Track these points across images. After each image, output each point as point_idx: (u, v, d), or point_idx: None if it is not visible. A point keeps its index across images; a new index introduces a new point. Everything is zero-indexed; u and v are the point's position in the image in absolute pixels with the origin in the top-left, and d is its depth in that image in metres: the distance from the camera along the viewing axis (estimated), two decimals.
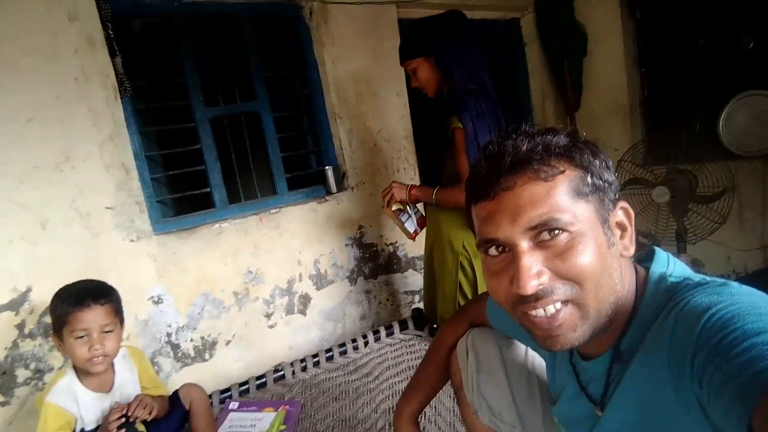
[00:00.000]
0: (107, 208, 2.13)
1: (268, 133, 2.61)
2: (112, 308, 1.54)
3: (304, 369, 2.26)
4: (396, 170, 2.97)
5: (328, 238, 2.73)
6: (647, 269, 0.78)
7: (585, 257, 0.70)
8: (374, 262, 2.89)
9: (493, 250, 0.77)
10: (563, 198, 0.71)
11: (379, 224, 2.90)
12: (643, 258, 0.83)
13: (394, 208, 2.19)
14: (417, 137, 3.06)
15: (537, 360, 1.13)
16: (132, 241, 2.18)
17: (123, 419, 1.51)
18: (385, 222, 2.89)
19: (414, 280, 3.05)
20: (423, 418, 1.78)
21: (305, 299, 2.65)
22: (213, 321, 2.39)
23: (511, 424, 1.12)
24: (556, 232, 0.71)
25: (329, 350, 2.35)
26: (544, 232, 0.71)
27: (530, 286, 0.71)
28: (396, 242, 2.97)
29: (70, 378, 1.56)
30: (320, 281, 2.70)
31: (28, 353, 1.98)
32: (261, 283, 2.52)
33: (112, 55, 2.11)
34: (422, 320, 2.50)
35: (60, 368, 1.72)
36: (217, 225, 2.41)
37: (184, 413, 1.77)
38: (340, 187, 2.79)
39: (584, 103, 3.56)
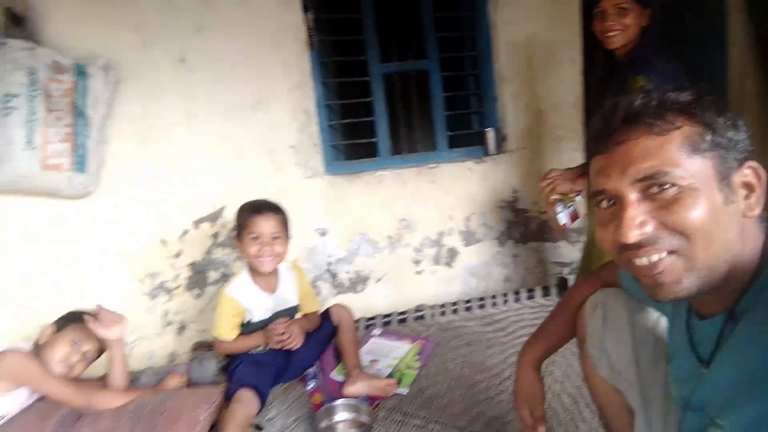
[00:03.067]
0: (290, 146, 2.45)
1: (434, 91, 2.74)
2: (281, 220, 1.86)
3: (443, 314, 2.40)
4: (560, 138, 2.90)
5: (482, 197, 2.79)
6: None
7: (693, 211, 0.70)
8: (525, 228, 2.89)
9: (604, 203, 0.79)
10: (676, 153, 0.71)
11: (535, 191, 2.87)
12: None
13: (552, 197, 2.15)
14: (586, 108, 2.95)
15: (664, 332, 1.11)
16: (307, 177, 2.49)
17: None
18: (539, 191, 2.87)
19: (565, 252, 2.99)
20: (550, 378, 1.80)
21: (453, 253, 2.77)
22: (367, 259, 2.63)
23: (629, 382, 1.12)
24: (666, 185, 0.71)
25: (468, 301, 2.45)
26: (654, 186, 0.72)
27: (632, 234, 0.72)
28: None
29: (245, 277, 1.90)
30: (469, 238, 2.79)
31: (218, 259, 2.40)
32: (413, 231, 2.69)
33: (305, 11, 2.39)
34: (566, 290, 2.47)
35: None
36: (379, 173, 2.62)
37: (332, 329, 2.02)
38: (500, 149, 2.82)
39: None
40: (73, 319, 1.89)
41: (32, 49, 1.99)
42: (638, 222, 0.73)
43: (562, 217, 2.17)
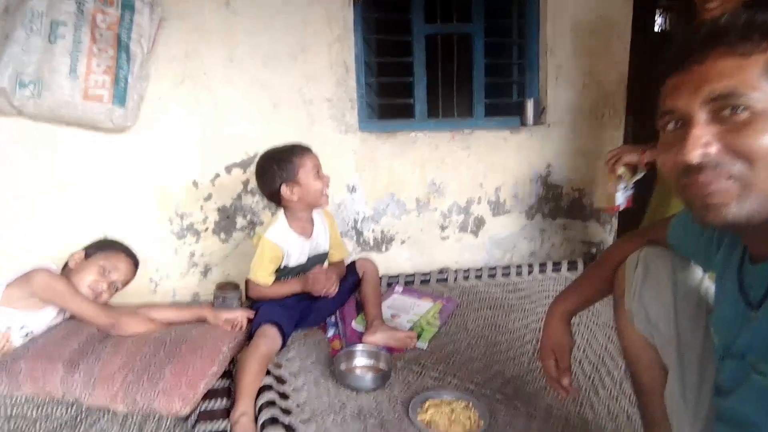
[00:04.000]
0: (327, 99, 2.44)
1: (476, 56, 2.69)
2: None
3: (466, 278, 2.39)
4: (601, 115, 2.83)
5: (515, 168, 2.76)
6: None
7: (761, 137, 0.67)
8: (556, 203, 2.85)
9: (670, 125, 0.76)
10: (757, 76, 0.67)
11: (570, 167, 2.83)
12: None
13: (619, 171, 2.02)
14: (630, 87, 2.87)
15: (712, 290, 1.08)
16: (340, 132, 2.48)
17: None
18: (577, 166, 2.82)
19: (595, 231, 2.94)
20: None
21: (480, 222, 2.75)
22: (394, 219, 2.62)
23: (666, 337, 1.09)
24: (739, 108, 0.68)
25: (493, 268, 2.43)
26: (726, 107, 0.69)
27: (695, 154, 0.70)
28: (583, 189, 2.88)
29: (282, 222, 1.90)
30: (497, 208, 2.76)
31: (247, 206, 2.42)
32: (441, 196, 2.67)
33: None
34: None
35: (273, 215, 2.09)
36: (413, 134, 2.59)
37: (357, 280, 2.03)
38: (537, 121, 2.77)
39: None
40: (103, 247, 1.94)
41: None
42: (703, 142, 0.70)
43: (620, 197, 2.07)
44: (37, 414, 1.45)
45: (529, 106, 2.73)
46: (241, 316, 1.82)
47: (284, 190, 1.82)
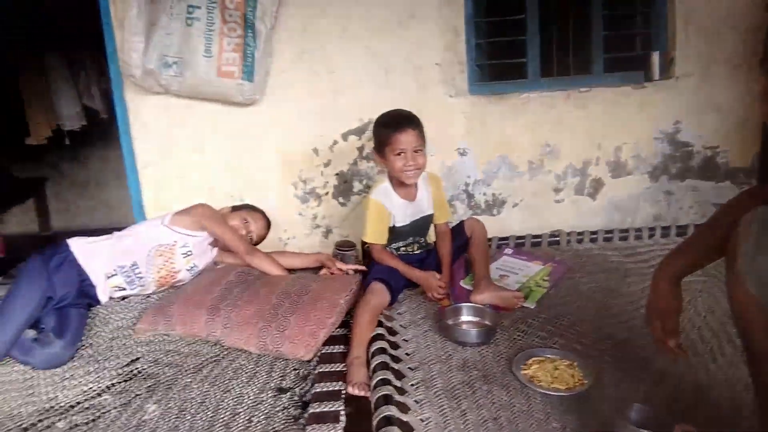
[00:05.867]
0: (436, 64, 2.47)
1: (594, 8, 2.54)
2: (420, 133, 1.88)
3: (579, 241, 2.33)
4: (736, 65, 2.55)
5: (637, 127, 2.59)
6: None
7: None
8: (685, 163, 2.64)
9: None
10: None
11: (701, 123, 2.60)
12: None
13: None
14: None
15: None
16: (450, 96, 2.51)
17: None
18: (710, 122, 2.59)
19: (730, 193, 2.69)
20: (692, 311, 1.70)
21: (598, 183, 2.64)
22: (505, 182, 2.61)
23: None
24: None
25: (610, 232, 2.35)
26: None
27: None
28: (717, 147, 2.64)
29: (387, 186, 1.99)
30: (617, 169, 2.63)
31: (363, 171, 2.55)
32: (556, 158, 2.61)
33: None
34: None
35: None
36: (525, 95, 2.54)
37: (465, 240, 2.07)
38: (664, 75, 2.57)
39: None
40: (246, 207, 2.24)
41: None
42: None
43: None
44: (189, 350, 1.71)
45: (655, 59, 2.54)
46: (353, 268, 2.03)
47: (377, 158, 1.97)
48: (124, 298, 1.99)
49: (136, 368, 1.61)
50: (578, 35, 2.65)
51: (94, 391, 1.51)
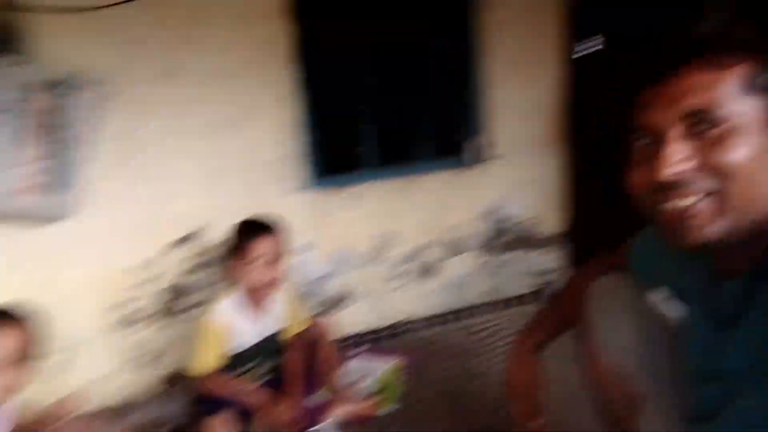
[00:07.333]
0: (272, 162, 2.42)
1: (420, 99, 2.74)
2: (279, 241, 1.77)
3: (428, 327, 2.40)
4: (546, 143, 2.91)
5: (465, 207, 2.80)
6: None
7: (737, 152, 0.67)
8: (510, 236, 2.91)
9: (642, 140, 0.75)
10: (730, 90, 0.67)
11: (521, 198, 2.90)
12: None
13: None
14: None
15: (680, 312, 1.04)
16: (289, 194, 2.46)
17: None
18: (528, 197, 2.90)
19: (548, 259, 3.00)
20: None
21: (433, 266, 2.77)
22: (349, 275, 2.61)
23: (636, 366, 1.04)
24: (713, 123, 0.67)
25: (455, 311, 2.44)
26: (701, 123, 0.68)
27: (669, 172, 0.69)
28: (537, 217, 2.96)
29: (234, 299, 1.81)
30: (451, 250, 2.79)
31: (196, 283, 2.35)
32: (393, 246, 2.69)
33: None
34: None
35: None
36: (362, 186, 2.61)
37: (312, 348, 1.93)
38: (485, 157, 2.80)
39: None
40: None
41: (20, 65, 1.95)
42: (678, 159, 0.69)
43: None
44: None
45: (476, 143, 2.78)
46: None
47: (229, 268, 1.80)
48: None
49: None
50: (407, 124, 2.78)
51: None
